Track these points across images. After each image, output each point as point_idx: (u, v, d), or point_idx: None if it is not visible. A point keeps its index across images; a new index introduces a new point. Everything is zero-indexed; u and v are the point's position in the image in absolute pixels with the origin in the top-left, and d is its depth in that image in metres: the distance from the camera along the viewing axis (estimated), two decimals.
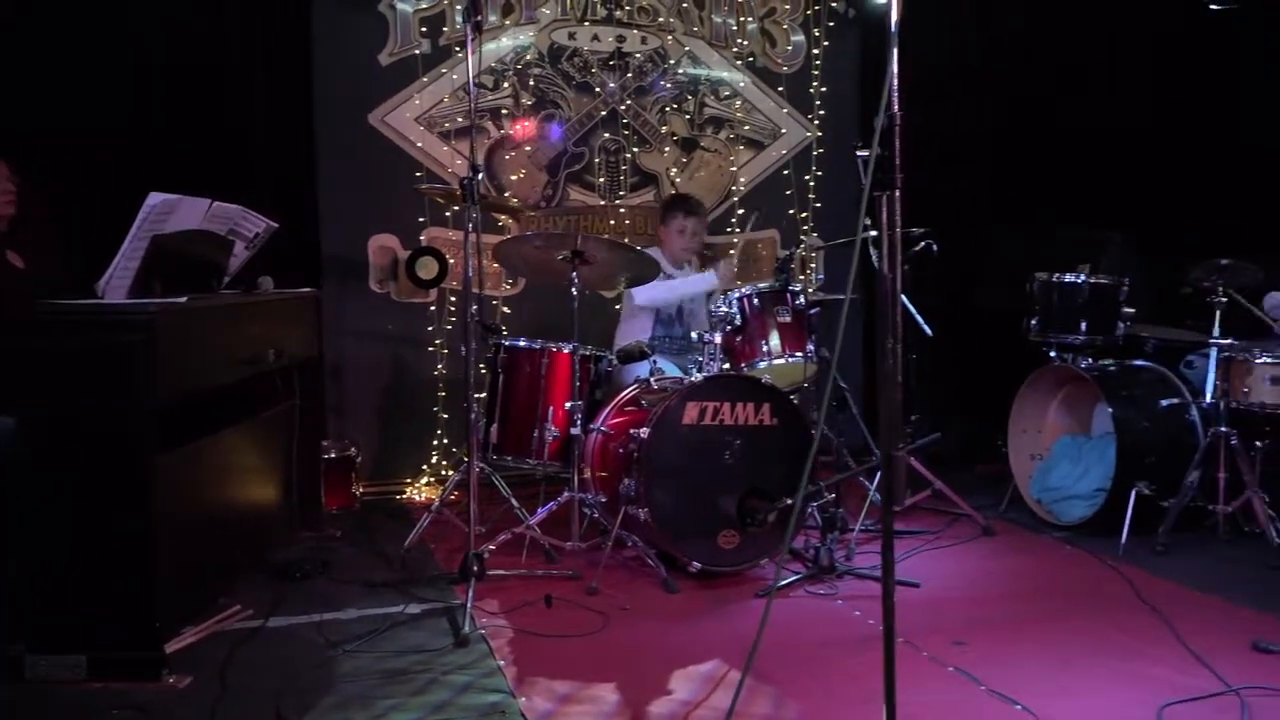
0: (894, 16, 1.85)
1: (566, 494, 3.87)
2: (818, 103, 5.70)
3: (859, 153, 3.96)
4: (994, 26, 5.71)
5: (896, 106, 1.83)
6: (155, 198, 3.09)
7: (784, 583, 3.60)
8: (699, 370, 3.90)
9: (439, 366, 5.13)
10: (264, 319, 3.76)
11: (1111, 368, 4.40)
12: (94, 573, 2.81)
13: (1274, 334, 4.31)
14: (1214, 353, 4.02)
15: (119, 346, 2.77)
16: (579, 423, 3.86)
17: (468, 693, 2.77)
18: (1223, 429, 3.93)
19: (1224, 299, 3.97)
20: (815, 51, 5.69)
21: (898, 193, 1.83)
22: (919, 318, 4.51)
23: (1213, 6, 4.83)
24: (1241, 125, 5.01)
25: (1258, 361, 3.91)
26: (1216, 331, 3.98)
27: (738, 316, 3.98)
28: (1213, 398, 4.02)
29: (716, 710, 2.64)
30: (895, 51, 1.83)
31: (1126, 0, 5.43)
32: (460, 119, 5.11)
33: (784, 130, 5.70)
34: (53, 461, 2.81)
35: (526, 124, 5.27)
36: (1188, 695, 2.68)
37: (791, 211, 5.66)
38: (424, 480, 5.09)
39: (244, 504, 3.74)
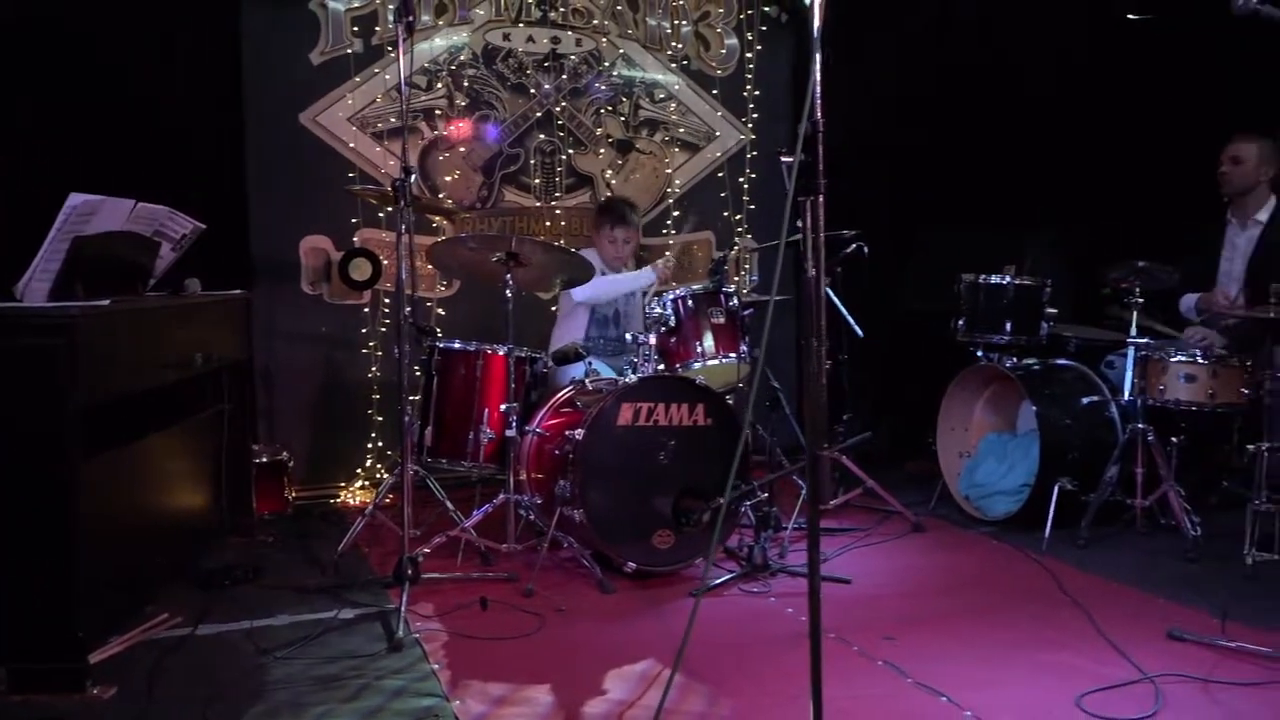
0: (816, 22, 1.89)
1: (502, 496, 3.86)
2: (751, 106, 5.76)
3: (783, 158, 4.01)
4: (919, 36, 5.83)
5: (820, 113, 1.87)
6: (76, 198, 3.02)
7: (718, 581, 3.64)
8: (634, 371, 3.93)
9: (373, 369, 5.08)
10: (191, 322, 3.70)
11: (1035, 367, 4.52)
12: (14, 582, 2.73)
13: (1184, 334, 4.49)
14: (1131, 352, 4.15)
15: (40, 350, 2.70)
16: (514, 425, 3.86)
17: (401, 697, 2.76)
18: (1140, 425, 4.06)
19: (1141, 300, 4.10)
20: (749, 55, 5.75)
21: (821, 197, 1.87)
22: (850, 319, 4.59)
23: (1130, 16, 5.00)
24: (1159, 132, 5.18)
25: (1172, 360, 4.05)
26: (1134, 331, 4.11)
27: (672, 318, 4.02)
28: (1130, 395, 4.15)
29: (650, 709, 2.66)
30: (818, 59, 1.87)
31: (1048, 10, 5.59)
32: (393, 119, 5.07)
33: (718, 133, 5.75)
34: None
35: (463, 125, 5.25)
36: (1105, 684, 2.77)
37: (726, 214, 5.72)
38: (358, 484, 5.04)
39: (172, 510, 3.67)
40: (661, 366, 3.97)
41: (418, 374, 4.27)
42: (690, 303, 4.05)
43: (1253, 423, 4.01)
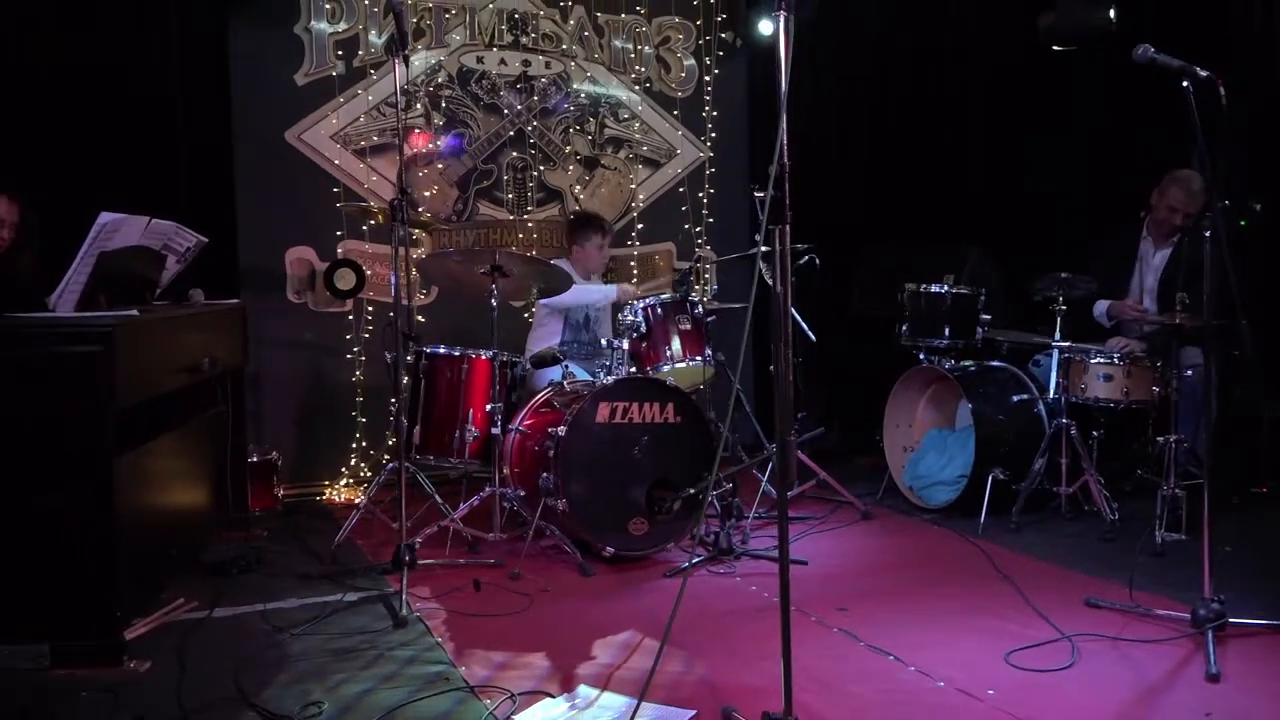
0: (783, 85, 2.25)
1: (488, 489, 4.18)
2: (709, 125, 6.14)
3: (756, 193, 4.44)
4: (861, 64, 6.26)
5: (786, 157, 2.23)
6: (105, 217, 3.30)
7: (689, 564, 4.00)
8: (608, 374, 4.27)
9: (357, 373, 5.36)
10: (199, 329, 3.98)
11: (971, 368, 4.93)
12: (58, 567, 3.01)
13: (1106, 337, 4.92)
14: (1055, 354, 4.59)
15: (82, 357, 2.98)
16: (499, 423, 4.18)
17: (413, 665, 3.08)
18: (1063, 420, 4.49)
19: (1064, 307, 4.53)
20: (707, 78, 6.13)
21: (788, 227, 2.24)
22: (803, 325, 4.98)
23: (1055, 47, 5.46)
24: (1082, 154, 5.65)
25: (1092, 361, 4.50)
26: (1058, 335, 4.55)
27: (643, 324, 4.38)
28: (1055, 393, 4.58)
29: (634, 670, 3.01)
30: (784, 117, 2.23)
31: (982, 42, 6.05)
32: (375, 137, 5.37)
33: (679, 150, 6.13)
34: (17, 465, 3.00)
35: (424, 137, 5.53)
36: (1030, 643, 3.18)
37: (687, 226, 6.10)
38: (343, 482, 5.32)
39: (182, 504, 3.94)
40: (633, 369, 4.33)
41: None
42: (659, 311, 4.42)
43: (1163, 417, 4.46)
